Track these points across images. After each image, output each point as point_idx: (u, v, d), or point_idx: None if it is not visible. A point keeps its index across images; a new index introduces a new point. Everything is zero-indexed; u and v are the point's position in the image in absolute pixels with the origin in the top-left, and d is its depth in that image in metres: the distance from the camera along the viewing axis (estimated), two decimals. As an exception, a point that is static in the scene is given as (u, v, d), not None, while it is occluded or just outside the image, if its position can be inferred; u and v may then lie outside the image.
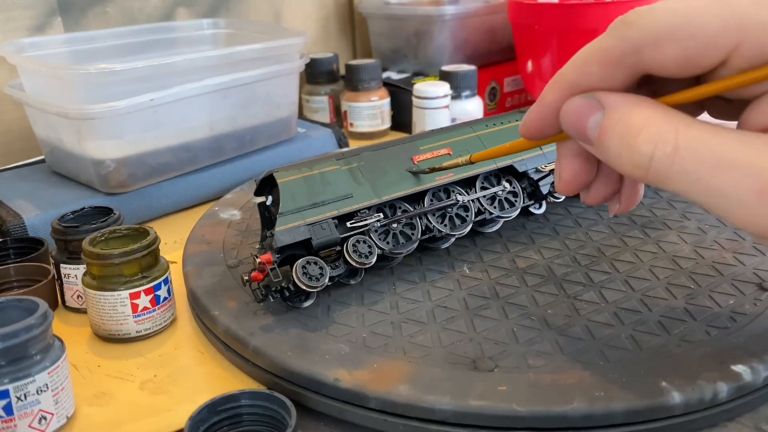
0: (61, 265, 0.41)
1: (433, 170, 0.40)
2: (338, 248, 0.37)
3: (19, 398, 0.29)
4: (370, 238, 0.38)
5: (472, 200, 0.42)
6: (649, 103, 0.25)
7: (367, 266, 0.37)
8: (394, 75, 0.86)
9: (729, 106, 0.27)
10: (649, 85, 0.27)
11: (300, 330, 0.34)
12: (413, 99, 0.71)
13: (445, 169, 0.39)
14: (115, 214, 0.43)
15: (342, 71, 0.83)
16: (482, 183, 0.43)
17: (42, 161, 0.61)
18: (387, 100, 0.78)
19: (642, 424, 0.28)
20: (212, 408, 0.29)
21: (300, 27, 0.91)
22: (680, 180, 0.23)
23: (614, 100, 0.25)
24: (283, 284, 0.35)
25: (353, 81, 0.77)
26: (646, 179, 0.24)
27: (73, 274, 0.41)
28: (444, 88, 0.70)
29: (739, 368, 0.29)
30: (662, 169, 0.24)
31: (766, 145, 0.23)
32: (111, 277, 0.37)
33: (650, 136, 0.24)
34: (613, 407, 0.28)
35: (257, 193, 0.39)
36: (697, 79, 0.26)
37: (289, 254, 0.37)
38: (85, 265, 0.38)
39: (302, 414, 0.31)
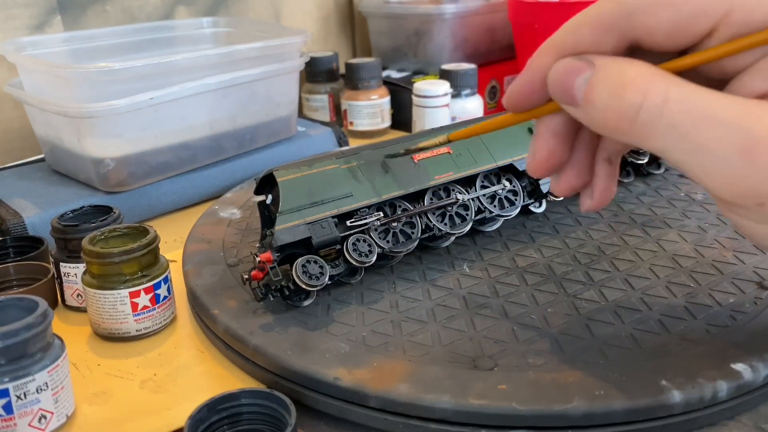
0: (61, 263, 0.41)
1: (408, 152, 0.39)
2: (338, 247, 0.37)
3: (18, 397, 0.29)
4: (370, 236, 0.38)
5: (472, 199, 0.42)
6: (640, 62, 0.25)
7: (367, 265, 0.37)
8: (394, 74, 0.86)
9: (710, 85, 0.27)
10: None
11: (300, 329, 0.34)
12: (413, 98, 0.71)
13: (421, 149, 0.37)
14: (114, 212, 0.43)
15: (342, 70, 0.83)
16: (482, 182, 0.43)
17: (42, 160, 0.61)
18: (387, 99, 0.78)
19: (642, 422, 0.28)
20: (212, 407, 0.29)
21: (300, 25, 0.91)
22: (666, 134, 0.23)
23: (605, 59, 0.25)
24: (282, 283, 0.35)
25: (353, 80, 0.77)
26: (631, 132, 0.24)
27: (73, 272, 0.41)
28: (444, 86, 0.69)
29: (739, 367, 0.29)
30: (650, 120, 0.23)
31: (755, 106, 0.23)
32: (111, 275, 0.37)
33: (641, 86, 0.24)
34: (613, 406, 0.28)
35: (257, 192, 0.39)
36: (679, 56, 0.26)
37: (289, 253, 0.37)
38: (84, 264, 0.38)
39: (302, 413, 0.31)
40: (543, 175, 0.30)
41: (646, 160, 0.51)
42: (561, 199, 0.47)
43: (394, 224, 0.39)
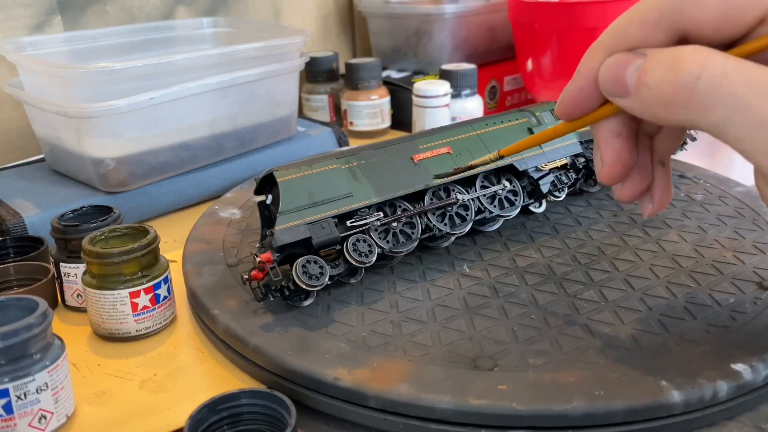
0: (61, 263, 0.41)
1: (458, 171, 0.39)
2: (338, 247, 0.37)
3: (18, 397, 0.29)
4: (370, 236, 0.38)
5: (472, 199, 0.42)
6: (694, 45, 0.24)
7: (367, 265, 0.37)
8: (394, 74, 0.86)
9: None
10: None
11: (300, 329, 0.34)
12: (413, 98, 0.71)
13: (473, 167, 0.37)
14: (114, 212, 0.43)
15: (342, 70, 0.83)
16: (482, 182, 0.43)
17: (42, 160, 0.61)
18: (387, 99, 0.78)
19: (642, 422, 0.28)
20: (212, 407, 0.29)
21: (300, 25, 0.91)
22: (726, 105, 0.22)
23: (656, 49, 0.25)
24: (283, 283, 0.35)
25: (353, 80, 0.77)
26: (689, 104, 0.23)
27: (73, 272, 0.41)
28: (444, 86, 0.69)
29: (739, 367, 0.29)
30: (709, 90, 0.23)
31: None
32: (111, 276, 0.37)
33: (698, 59, 0.23)
34: (613, 406, 0.28)
35: (257, 192, 0.39)
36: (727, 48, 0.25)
37: (289, 253, 0.37)
38: (84, 264, 0.38)
39: (302, 413, 0.31)
40: (616, 180, 0.29)
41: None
42: (561, 199, 0.47)
43: (394, 224, 0.39)
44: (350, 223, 0.38)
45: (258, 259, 0.35)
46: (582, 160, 0.46)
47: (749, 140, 0.23)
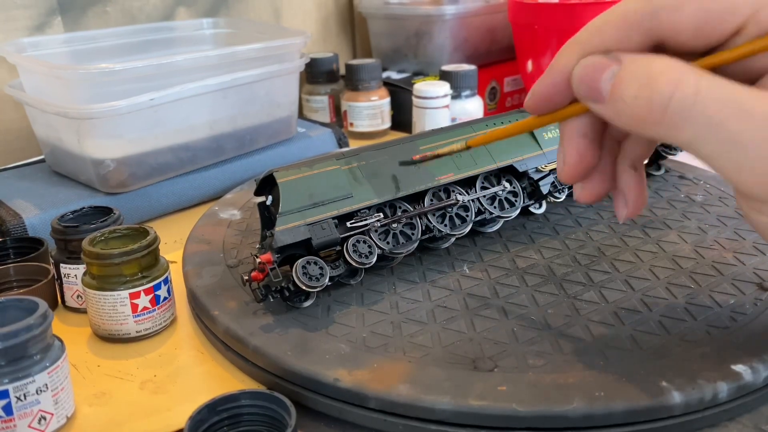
0: (61, 264, 0.41)
1: (424, 158, 0.37)
2: (338, 248, 0.37)
3: (18, 398, 0.29)
4: (370, 237, 0.38)
5: (472, 200, 0.42)
6: (668, 56, 0.24)
7: (367, 266, 0.37)
8: (394, 74, 0.86)
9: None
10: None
11: (300, 330, 0.34)
12: (413, 99, 0.71)
13: (439, 156, 0.36)
14: (114, 213, 0.43)
15: (342, 71, 0.83)
16: (482, 183, 0.43)
17: (42, 161, 0.61)
18: (387, 100, 0.78)
19: (642, 424, 0.28)
20: (212, 408, 0.29)
21: (300, 26, 0.91)
22: (698, 123, 0.23)
23: (631, 55, 0.25)
24: (283, 284, 0.35)
25: (353, 81, 0.77)
26: (662, 123, 0.23)
27: (73, 273, 0.41)
28: (444, 87, 0.69)
29: (739, 368, 0.29)
30: (682, 110, 0.23)
31: None
32: (111, 276, 0.37)
33: (671, 77, 0.23)
34: (614, 407, 0.28)
35: (257, 193, 0.39)
36: (704, 56, 0.25)
37: (289, 254, 0.37)
38: (84, 265, 0.38)
39: (302, 414, 0.31)
40: (576, 180, 0.29)
41: (645, 162, 0.51)
42: (561, 200, 0.47)
43: (394, 225, 0.39)
44: (350, 224, 0.38)
45: (258, 260, 0.35)
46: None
47: (721, 158, 0.23)
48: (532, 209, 0.46)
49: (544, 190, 0.44)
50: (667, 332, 0.33)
